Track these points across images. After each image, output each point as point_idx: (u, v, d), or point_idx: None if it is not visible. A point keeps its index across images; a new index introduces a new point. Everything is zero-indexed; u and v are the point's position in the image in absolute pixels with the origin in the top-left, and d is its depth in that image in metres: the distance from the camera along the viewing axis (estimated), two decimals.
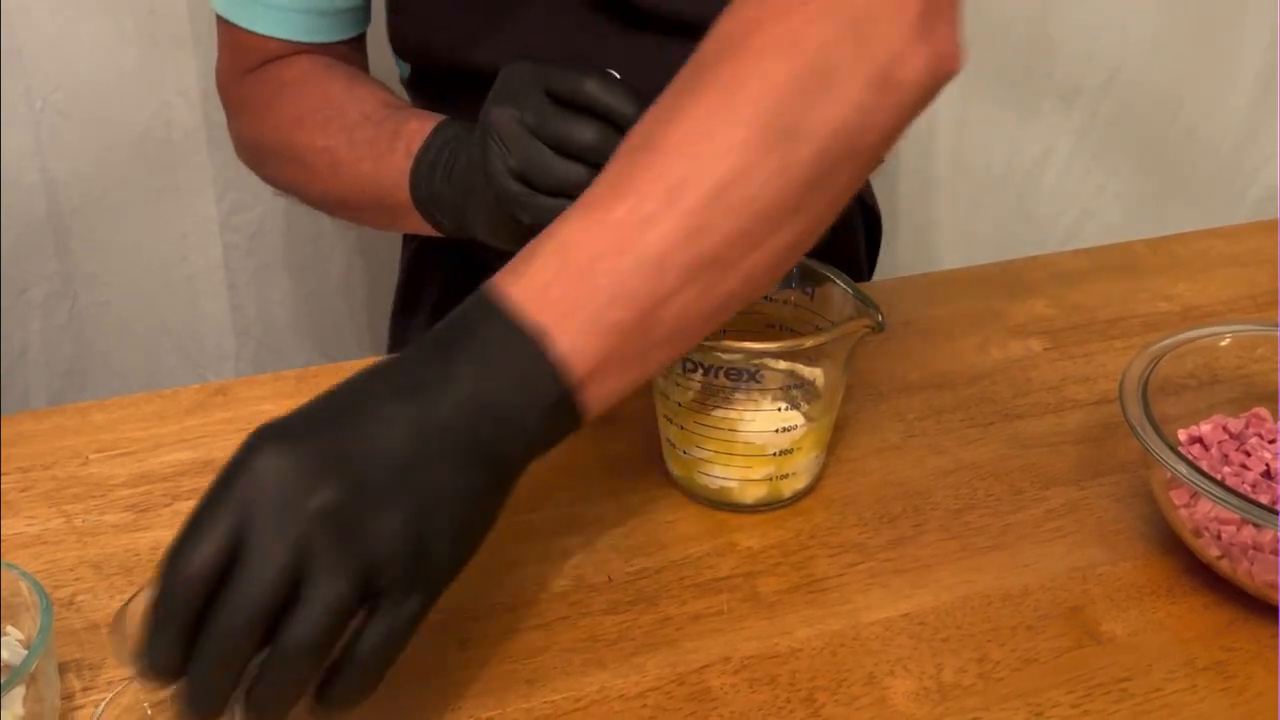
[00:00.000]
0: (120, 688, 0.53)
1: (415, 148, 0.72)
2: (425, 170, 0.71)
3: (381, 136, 0.74)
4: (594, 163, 0.60)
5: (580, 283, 0.51)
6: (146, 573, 0.64)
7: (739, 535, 0.68)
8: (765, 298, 0.72)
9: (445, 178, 0.70)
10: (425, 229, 0.74)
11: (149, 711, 0.53)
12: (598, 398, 0.52)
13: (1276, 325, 0.73)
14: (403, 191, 0.72)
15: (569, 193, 0.59)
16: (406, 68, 0.90)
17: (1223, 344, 0.72)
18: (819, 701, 0.58)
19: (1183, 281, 0.95)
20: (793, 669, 0.60)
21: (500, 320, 0.50)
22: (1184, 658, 0.62)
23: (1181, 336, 0.71)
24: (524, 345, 0.50)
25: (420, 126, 0.73)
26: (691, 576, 0.65)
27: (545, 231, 0.53)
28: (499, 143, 0.63)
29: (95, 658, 0.59)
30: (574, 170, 0.61)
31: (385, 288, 1.41)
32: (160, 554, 0.63)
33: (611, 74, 0.63)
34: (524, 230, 0.61)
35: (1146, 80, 1.48)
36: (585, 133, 0.61)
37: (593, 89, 0.61)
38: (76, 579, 0.64)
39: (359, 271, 1.39)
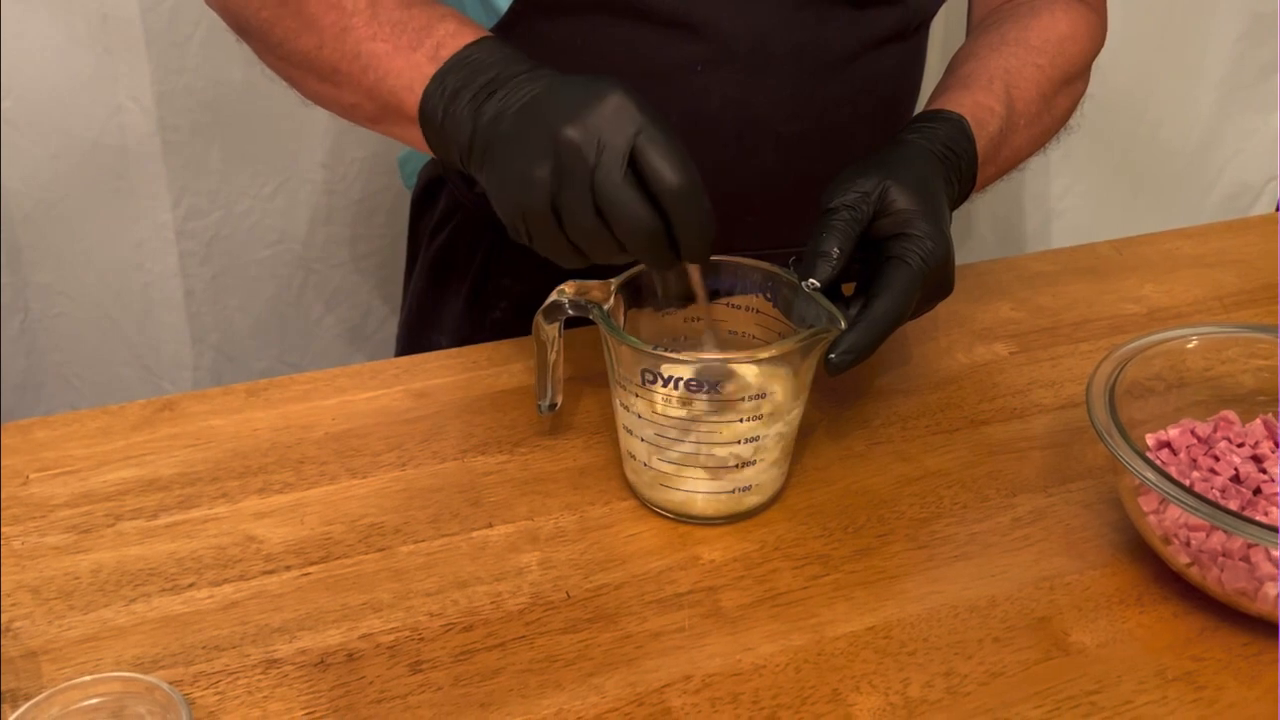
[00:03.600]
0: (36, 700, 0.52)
1: (445, 54, 0.67)
2: (451, 85, 0.66)
3: (410, 24, 0.68)
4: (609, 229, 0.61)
5: None
6: (87, 597, 0.62)
7: (701, 548, 0.67)
8: (728, 304, 0.71)
9: (476, 104, 0.65)
10: (408, 138, 0.69)
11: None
12: None
13: (1243, 326, 0.73)
14: (411, 94, 0.67)
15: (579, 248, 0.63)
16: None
17: (1190, 346, 0.71)
18: None
19: (1149, 283, 0.94)
20: (755, 687, 0.58)
21: None
22: (1154, 668, 0.60)
23: (1148, 339, 0.70)
24: None
25: (456, 31, 0.67)
26: (652, 592, 0.64)
27: None
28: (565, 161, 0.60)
29: (31, 688, 0.56)
30: (595, 239, 0.62)
31: (345, 292, 1.40)
32: (102, 578, 0.62)
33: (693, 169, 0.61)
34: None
35: (1112, 81, 1.47)
36: (632, 222, 0.60)
37: (670, 180, 0.60)
38: (13, 604, 0.61)
39: (317, 276, 1.37)
